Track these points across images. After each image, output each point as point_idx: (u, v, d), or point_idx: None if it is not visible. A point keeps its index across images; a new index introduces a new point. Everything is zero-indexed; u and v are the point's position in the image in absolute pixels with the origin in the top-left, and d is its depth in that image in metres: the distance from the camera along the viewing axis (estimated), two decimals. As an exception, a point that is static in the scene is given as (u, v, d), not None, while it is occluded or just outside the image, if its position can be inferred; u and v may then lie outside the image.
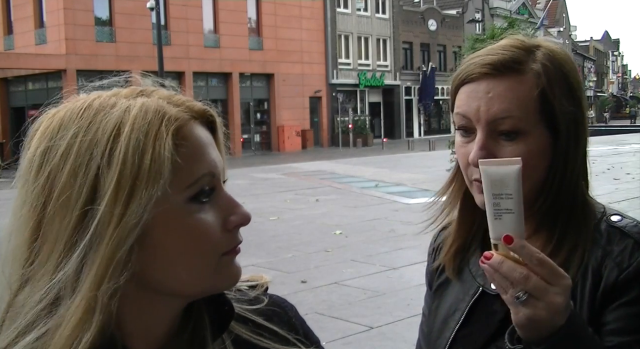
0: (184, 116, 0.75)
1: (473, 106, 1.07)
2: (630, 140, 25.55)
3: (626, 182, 12.49)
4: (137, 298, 0.75)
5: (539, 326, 0.89)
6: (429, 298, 1.32)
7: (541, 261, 0.88)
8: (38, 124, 0.77)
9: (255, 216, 10.31)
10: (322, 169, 18.63)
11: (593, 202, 1.13)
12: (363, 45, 39.80)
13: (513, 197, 0.89)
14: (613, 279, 1.01)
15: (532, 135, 1.05)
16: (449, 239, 1.25)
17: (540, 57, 1.08)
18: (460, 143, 1.11)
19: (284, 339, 0.89)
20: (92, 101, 0.75)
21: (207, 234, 0.75)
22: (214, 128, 0.81)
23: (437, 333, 1.22)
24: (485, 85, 1.06)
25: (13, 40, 28.43)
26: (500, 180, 0.89)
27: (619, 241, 1.04)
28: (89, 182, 0.70)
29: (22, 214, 0.74)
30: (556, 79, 1.07)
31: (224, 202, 0.77)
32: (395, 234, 8.88)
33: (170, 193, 0.71)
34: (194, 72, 29.88)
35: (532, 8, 55.47)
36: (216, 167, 0.77)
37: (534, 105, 1.05)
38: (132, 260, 0.70)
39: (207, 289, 0.78)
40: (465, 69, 1.10)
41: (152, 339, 0.80)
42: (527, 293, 0.87)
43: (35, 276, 0.72)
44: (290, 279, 6.69)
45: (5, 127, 28.30)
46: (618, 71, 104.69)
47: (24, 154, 0.76)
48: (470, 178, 1.10)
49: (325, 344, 0.97)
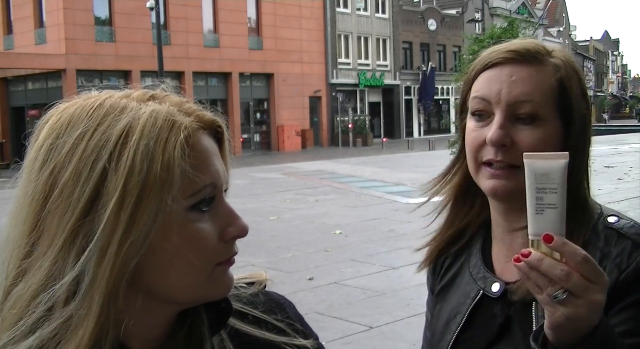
0: (194, 126, 0.75)
1: (494, 89, 1.09)
2: (631, 140, 25.55)
3: (626, 182, 12.48)
4: (135, 301, 0.76)
5: (578, 326, 0.86)
6: (431, 303, 1.32)
7: (585, 259, 0.85)
8: (48, 117, 0.77)
9: (255, 216, 10.31)
10: (322, 169, 18.63)
11: (592, 201, 1.13)
12: (363, 45, 39.80)
13: (558, 192, 0.87)
14: (613, 282, 1.00)
15: (548, 123, 1.08)
16: (437, 236, 1.27)
17: (558, 56, 1.12)
18: (474, 128, 1.12)
19: (282, 332, 0.89)
20: (104, 101, 0.75)
21: (204, 244, 0.75)
22: (221, 139, 0.81)
23: (439, 336, 1.22)
24: (509, 70, 1.09)
25: (13, 40, 28.42)
26: (547, 174, 0.87)
27: (617, 242, 1.04)
28: (92, 183, 0.70)
29: (23, 205, 0.74)
30: (572, 78, 1.11)
31: (223, 214, 0.78)
32: (395, 234, 8.87)
33: (172, 201, 0.71)
34: (194, 72, 29.88)
35: (532, 8, 55.46)
36: (219, 178, 0.77)
37: (553, 94, 1.08)
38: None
39: (198, 298, 0.78)
40: (487, 56, 1.13)
41: (150, 338, 0.80)
42: (568, 291, 0.84)
43: (31, 270, 0.72)
44: (290, 279, 6.69)
45: (5, 127, 28.26)
46: (618, 71, 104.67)
47: (31, 146, 0.76)
48: (480, 160, 1.11)
49: (325, 344, 0.98)
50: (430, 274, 1.33)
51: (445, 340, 1.19)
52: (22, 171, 0.76)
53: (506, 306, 1.11)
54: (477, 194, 1.19)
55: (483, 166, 1.10)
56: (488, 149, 1.08)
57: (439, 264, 1.29)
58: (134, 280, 0.73)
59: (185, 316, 0.83)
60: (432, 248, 1.28)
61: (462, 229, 1.25)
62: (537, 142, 1.06)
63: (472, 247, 1.23)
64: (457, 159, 1.24)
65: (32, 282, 0.71)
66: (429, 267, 1.33)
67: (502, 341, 1.09)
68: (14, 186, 0.77)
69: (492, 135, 1.07)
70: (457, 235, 1.25)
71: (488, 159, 1.09)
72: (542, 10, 52.13)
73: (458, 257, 1.25)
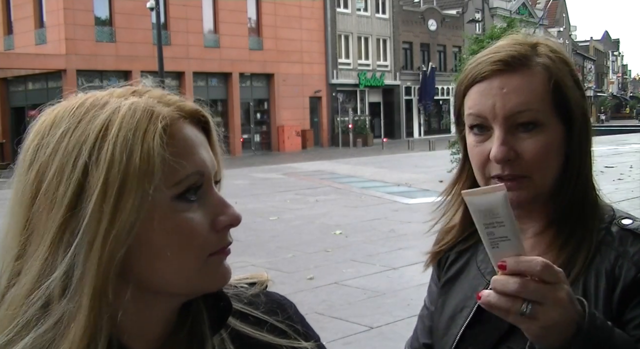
0: (173, 115, 0.75)
1: (488, 104, 1.08)
2: (631, 140, 25.55)
3: (626, 182, 12.49)
4: (130, 297, 0.75)
5: (558, 329, 0.86)
6: (434, 294, 1.31)
7: (544, 265, 0.85)
8: (37, 120, 0.78)
9: (255, 216, 10.31)
10: (322, 169, 18.63)
11: (602, 203, 1.14)
12: (363, 45, 39.79)
13: (505, 225, 0.86)
14: (631, 278, 1.01)
15: (548, 127, 1.07)
16: (448, 234, 1.26)
17: (543, 52, 1.10)
18: (474, 143, 1.11)
19: (283, 333, 0.89)
20: (86, 100, 0.76)
21: (193, 233, 0.74)
22: (208, 129, 0.81)
23: (443, 329, 1.21)
24: (498, 82, 1.08)
25: (13, 40, 28.42)
26: (489, 210, 0.87)
27: (633, 242, 1.05)
28: (75, 179, 0.71)
29: (14, 206, 0.75)
30: (563, 71, 1.09)
31: (213, 202, 0.77)
32: (395, 234, 8.88)
33: (155, 190, 0.71)
34: (194, 72, 29.88)
35: (532, 8, 55.44)
36: (206, 167, 0.77)
37: (549, 97, 1.07)
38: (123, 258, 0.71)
39: (193, 289, 0.78)
40: (473, 69, 1.11)
41: (150, 337, 0.80)
42: (530, 302, 0.84)
43: (24, 270, 0.72)
44: (290, 279, 6.69)
45: (5, 127, 28.29)
46: (618, 71, 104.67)
47: (22, 148, 0.77)
48: (488, 175, 1.10)
49: (325, 344, 0.98)
50: (435, 265, 1.33)
51: (450, 334, 1.18)
52: (14, 173, 0.77)
53: None
54: None
55: (492, 179, 1.09)
56: (493, 164, 1.08)
57: (443, 256, 1.29)
58: (124, 272, 0.73)
59: (186, 315, 0.83)
60: (440, 249, 1.28)
61: (473, 230, 1.25)
62: (541, 148, 1.06)
63: (479, 243, 1.23)
64: (462, 168, 1.23)
65: (24, 281, 0.72)
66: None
67: (512, 336, 1.08)
68: (9, 186, 0.78)
69: (495, 153, 1.06)
70: (467, 236, 1.25)
71: (496, 174, 1.08)
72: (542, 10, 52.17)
73: (464, 252, 1.25)
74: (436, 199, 1.28)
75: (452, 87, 40.78)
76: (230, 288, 0.89)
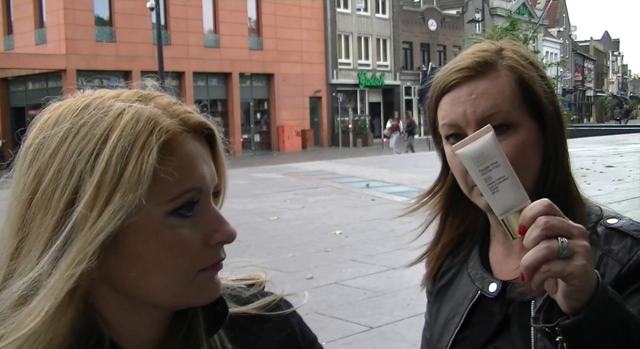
0: (176, 129, 0.74)
1: (459, 112, 1.09)
2: (631, 140, 25.55)
3: (626, 182, 12.48)
4: (119, 303, 0.76)
5: (589, 277, 0.81)
6: (428, 305, 1.33)
7: (548, 204, 0.82)
8: (40, 116, 0.77)
9: (255, 216, 10.32)
10: (322, 169, 18.63)
11: (587, 201, 1.14)
12: (363, 45, 39.80)
13: (500, 164, 0.87)
14: (615, 275, 1.02)
15: (522, 127, 1.08)
16: (434, 251, 1.29)
17: (508, 55, 1.12)
18: (453, 152, 1.11)
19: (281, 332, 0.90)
20: (91, 101, 0.75)
21: (183, 249, 0.73)
22: (213, 140, 0.79)
23: (437, 336, 1.23)
24: (466, 89, 1.09)
25: (13, 40, 28.44)
26: (481, 153, 0.87)
27: (617, 240, 1.05)
28: (72, 184, 0.70)
29: (12, 205, 0.74)
30: (526, 67, 1.11)
31: (209, 218, 0.76)
32: (395, 234, 8.87)
33: (148, 205, 0.70)
34: (194, 72, 29.88)
35: (532, 8, 55.45)
36: (204, 183, 0.75)
37: (518, 96, 1.08)
38: (104, 264, 0.70)
39: (180, 303, 0.77)
40: (440, 80, 1.13)
41: (144, 340, 0.80)
42: (560, 237, 0.80)
43: (17, 270, 0.72)
44: (290, 279, 6.69)
45: (5, 127, 28.29)
46: (618, 71, 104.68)
47: (23, 144, 0.77)
48: (470, 184, 1.10)
49: (325, 344, 0.98)
50: (424, 278, 1.35)
51: (443, 340, 1.20)
52: (13, 169, 0.76)
53: (504, 305, 1.12)
54: (468, 202, 1.19)
55: (475, 187, 1.09)
56: None
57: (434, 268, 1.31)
58: (113, 281, 0.73)
59: (182, 318, 0.83)
60: (432, 265, 1.30)
61: (460, 238, 1.26)
62: (517, 148, 1.07)
63: (471, 250, 1.24)
64: (440, 177, 1.25)
65: (16, 282, 0.72)
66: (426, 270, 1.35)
67: (499, 338, 1.10)
68: (8, 186, 0.77)
69: None
70: (455, 245, 1.27)
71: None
72: (542, 10, 52.10)
73: (455, 263, 1.27)
74: (414, 204, 1.30)
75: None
76: (227, 289, 0.89)
